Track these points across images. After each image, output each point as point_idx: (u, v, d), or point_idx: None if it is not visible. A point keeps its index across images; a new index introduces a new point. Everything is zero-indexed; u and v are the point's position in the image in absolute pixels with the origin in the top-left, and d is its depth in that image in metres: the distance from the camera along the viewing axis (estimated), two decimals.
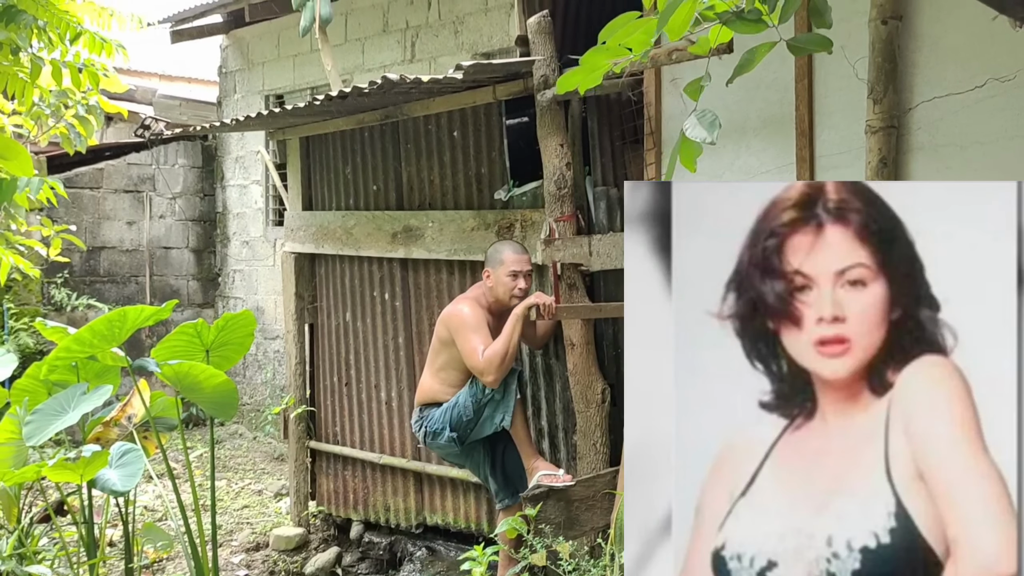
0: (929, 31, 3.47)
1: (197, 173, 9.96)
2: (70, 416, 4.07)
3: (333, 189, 5.73)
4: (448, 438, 4.29)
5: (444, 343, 4.33)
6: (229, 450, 8.65)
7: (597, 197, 4.46)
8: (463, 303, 4.32)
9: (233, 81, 9.79)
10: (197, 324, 4.26)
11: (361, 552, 5.69)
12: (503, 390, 4.15)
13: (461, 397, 4.25)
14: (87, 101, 5.77)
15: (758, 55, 2.30)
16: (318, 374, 5.93)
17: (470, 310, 4.24)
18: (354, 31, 8.36)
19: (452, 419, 4.26)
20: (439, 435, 4.31)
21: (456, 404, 4.26)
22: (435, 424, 4.32)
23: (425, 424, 4.38)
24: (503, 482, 4.42)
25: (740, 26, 2.24)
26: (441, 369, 4.39)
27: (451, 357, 4.32)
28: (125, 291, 9.46)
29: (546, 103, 4.28)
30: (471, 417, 4.21)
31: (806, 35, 2.34)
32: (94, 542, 4.46)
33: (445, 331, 4.31)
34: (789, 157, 3.82)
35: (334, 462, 5.84)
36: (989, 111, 3.33)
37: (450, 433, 4.27)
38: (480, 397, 4.17)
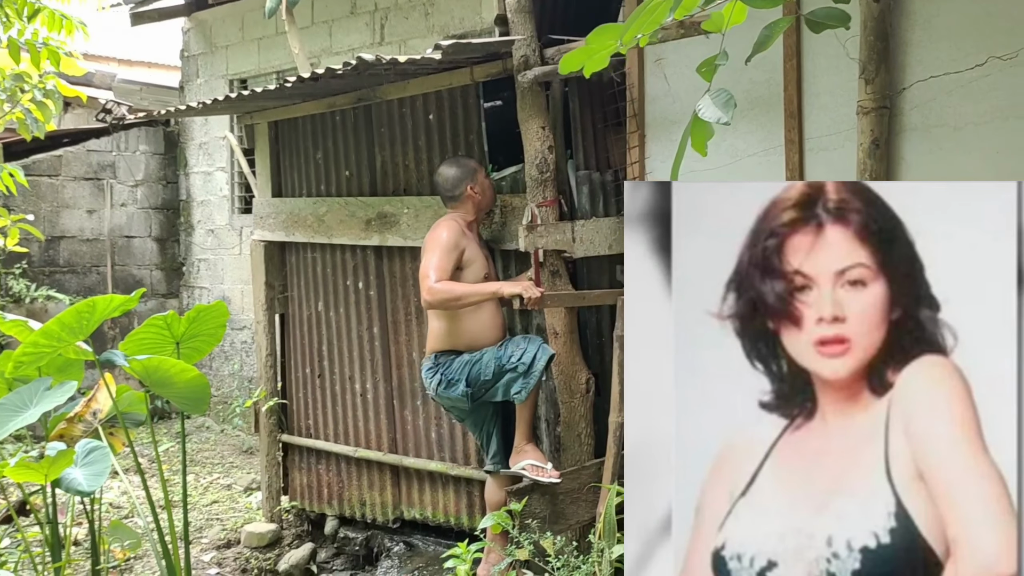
0: (922, 9, 3.39)
1: (159, 160, 9.70)
2: (32, 412, 3.90)
3: (304, 175, 5.57)
4: (462, 392, 4.10)
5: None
6: (196, 444, 8.45)
7: (580, 181, 4.35)
8: (443, 226, 4.17)
9: (196, 65, 9.55)
10: (168, 316, 4.10)
11: (336, 548, 5.56)
12: (529, 365, 3.97)
13: (486, 355, 4.07)
14: (44, 85, 5.55)
15: (776, 30, 2.21)
16: (290, 365, 5.78)
17: (448, 234, 4.11)
18: (321, 13, 8.17)
19: (471, 374, 4.08)
20: (453, 386, 4.11)
21: (479, 361, 4.08)
22: (453, 373, 4.11)
23: (442, 371, 4.15)
24: (502, 446, 4.28)
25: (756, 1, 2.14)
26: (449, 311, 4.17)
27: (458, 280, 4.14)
28: (86, 281, 9.20)
29: (527, 84, 4.16)
30: (489, 379, 4.05)
31: (825, 9, 2.24)
32: (59, 543, 4.29)
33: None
34: (778, 139, 3.73)
35: (307, 456, 5.69)
36: (983, 91, 3.26)
37: (465, 388, 4.10)
38: (504, 363, 4.01)
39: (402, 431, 5.17)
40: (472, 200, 4.26)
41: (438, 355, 4.21)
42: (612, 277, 4.43)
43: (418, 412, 5.09)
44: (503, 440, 4.29)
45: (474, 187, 4.25)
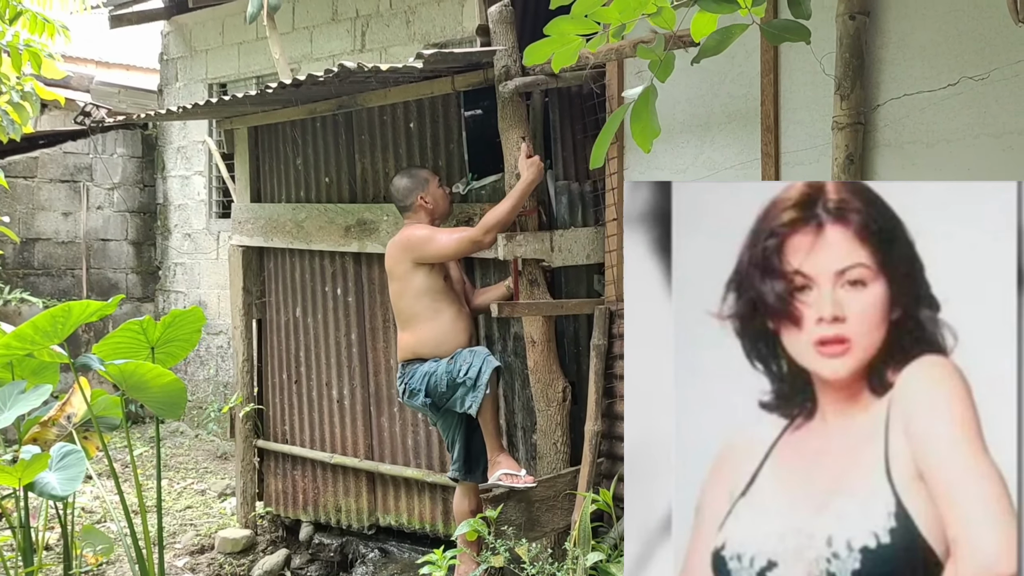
0: (896, 28, 3.45)
1: (137, 163, 9.66)
2: (6, 416, 3.89)
3: (283, 180, 5.57)
4: (422, 402, 4.22)
5: (408, 273, 4.20)
6: (170, 448, 8.41)
7: (559, 191, 4.38)
8: (412, 227, 4.27)
9: (175, 69, 9.52)
10: (143, 321, 4.09)
11: (311, 554, 5.55)
12: (475, 379, 4.03)
13: (440, 368, 4.14)
14: (22, 87, 5.52)
15: (729, 36, 2.25)
16: (266, 371, 5.77)
17: (425, 229, 4.24)
18: (302, 19, 8.17)
19: (429, 385, 4.17)
20: (415, 396, 4.23)
21: (435, 372, 4.16)
22: (415, 383, 4.22)
23: (406, 380, 4.27)
24: (465, 455, 4.31)
25: (711, 5, 2.19)
26: (410, 319, 4.25)
27: (419, 289, 4.20)
28: (60, 284, 9.13)
29: (508, 94, 4.19)
30: (444, 391, 4.13)
31: (783, 21, 2.29)
32: (31, 547, 4.26)
33: (405, 255, 4.20)
34: (754, 152, 3.79)
35: (283, 462, 5.68)
36: (955, 109, 3.32)
37: (424, 398, 4.20)
38: (455, 376, 4.08)
39: (378, 438, 5.18)
40: (424, 209, 4.33)
41: (404, 364, 4.30)
42: (590, 287, 4.46)
43: (395, 419, 5.09)
44: (466, 448, 4.31)
45: (425, 197, 4.32)
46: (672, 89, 3.86)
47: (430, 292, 4.21)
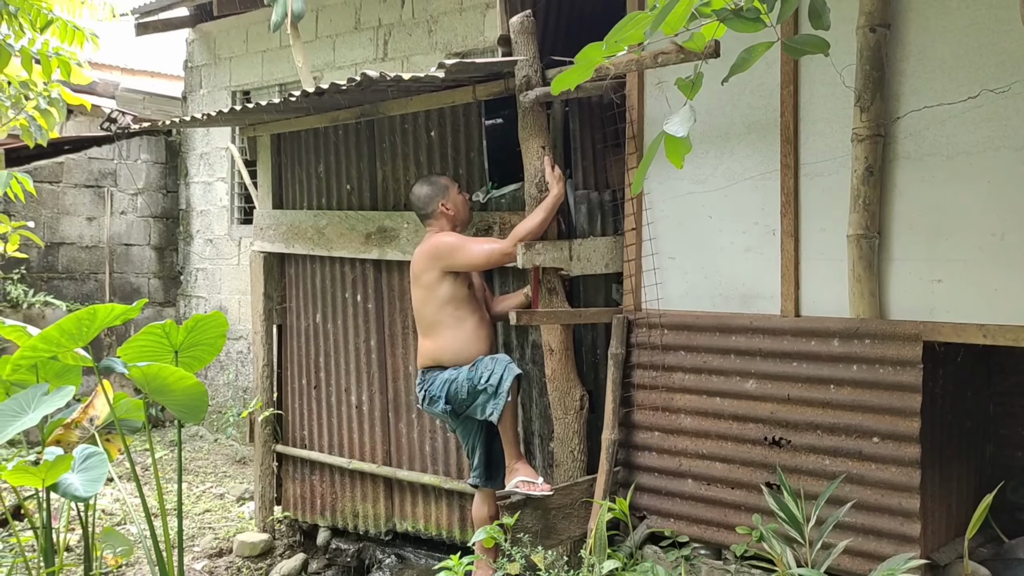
0: (917, 40, 3.46)
1: (160, 169, 9.76)
2: (30, 417, 3.93)
3: (305, 187, 5.62)
4: (442, 409, 4.25)
5: (435, 281, 4.24)
6: (190, 452, 8.47)
7: (578, 201, 4.40)
8: (440, 234, 4.31)
9: (199, 76, 9.61)
10: (166, 325, 4.14)
11: (328, 559, 5.58)
12: (496, 386, 4.06)
13: (461, 375, 4.18)
14: (49, 93, 5.60)
15: (755, 53, 2.27)
16: (286, 376, 5.81)
17: (453, 237, 4.28)
18: (325, 28, 8.25)
19: (449, 392, 4.20)
20: (435, 403, 4.26)
21: (456, 380, 4.19)
22: (435, 390, 4.25)
23: (426, 387, 4.30)
24: (486, 461, 4.35)
25: (737, 24, 2.20)
26: (433, 326, 4.29)
27: (444, 297, 4.23)
28: (84, 288, 9.23)
29: (528, 104, 4.21)
30: (464, 398, 4.16)
31: (804, 36, 2.31)
32: (52, 548, 4.31)
33: (435, 263, 4.24)
34: (774, 163, 3.79)
35: (301, 467, 5.72)
36: (975, 121, 3.32)
37: (444, 405, 4.23)
38: (476, 383, 4.11)
39: (396, 444, 5.20)
40: (446, 216, 4.36)
41: (424, 371, 4.33)
42: (608, 296, 4.47)
43: (413, 425, 5.12)
44: (487, 455, 4.35)
45: (446, 203, 4.36)
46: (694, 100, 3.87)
47: (454, 300, 4.25)
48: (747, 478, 3.80)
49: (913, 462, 3.37)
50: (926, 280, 3.42)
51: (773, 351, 3.74)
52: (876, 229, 3.49)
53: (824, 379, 3.59)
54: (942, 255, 3.39)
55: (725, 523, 3.86)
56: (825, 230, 3.65)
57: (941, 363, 3.56)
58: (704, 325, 3.97)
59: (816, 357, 3.62)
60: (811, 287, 3.71)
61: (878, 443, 3.45)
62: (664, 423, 4.08)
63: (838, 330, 3.56)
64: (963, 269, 3.34)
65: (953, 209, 3.37)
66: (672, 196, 4.14)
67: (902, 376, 3.40)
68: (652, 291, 4.17)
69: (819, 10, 2.32)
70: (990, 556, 3.69)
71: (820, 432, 3.60)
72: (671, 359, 4.07)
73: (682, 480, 4.01)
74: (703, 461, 3.95)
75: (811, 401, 3.63)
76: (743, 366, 3.83)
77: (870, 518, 3.46)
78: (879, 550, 3.42)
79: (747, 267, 3.90)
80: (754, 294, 3.88)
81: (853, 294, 3.54)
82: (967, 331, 3.30)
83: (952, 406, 3.71)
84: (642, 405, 4.15)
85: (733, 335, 3.87)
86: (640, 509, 4.14)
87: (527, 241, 4.08)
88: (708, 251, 4.02)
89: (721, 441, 3.89)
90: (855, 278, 3.52)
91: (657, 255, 4.17)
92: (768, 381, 3.75)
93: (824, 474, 3.57)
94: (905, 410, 3.39)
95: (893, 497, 3.42)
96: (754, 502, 3.76)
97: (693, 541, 3.96)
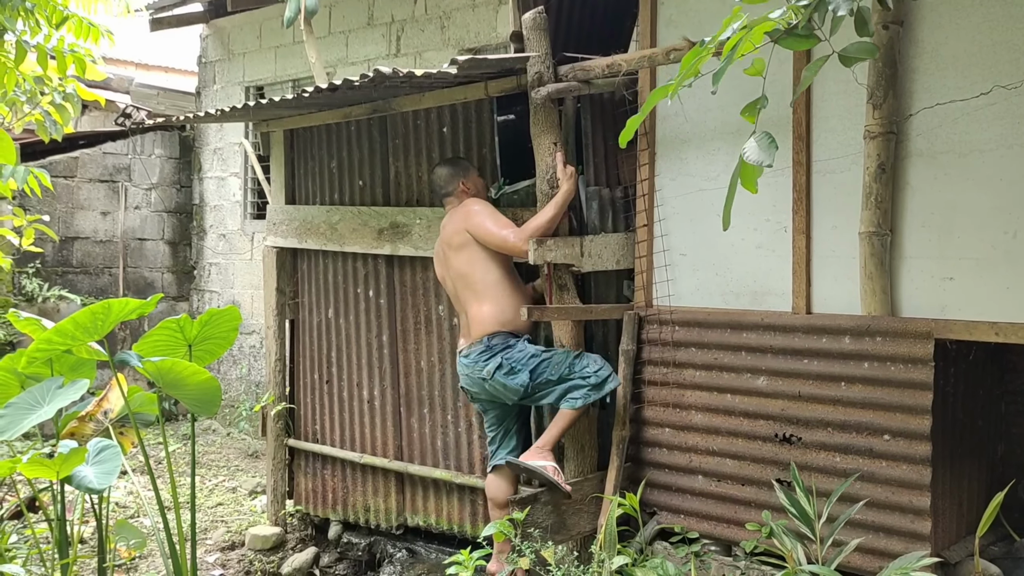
0: (930, 37, 3.45)
1: (174, 164, 9.81)
2: (45, 410, 3.96)
3: (318, 183, 5.64)
4: (522, 382, 4.07)
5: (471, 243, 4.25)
6: (202, 446, 8.52)
7: (589, 197, 4.41)
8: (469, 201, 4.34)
9: (213, 71, 9.65)
10: (180, 320, 4.17)
11: (339, 553, 5.61)
12: (601, 382, 3.97)
13: (558, 356, 4.08)
14: (64, 88, 5.64)
15: (813, 70, 2.27)
16: (298, 371, 5.84)
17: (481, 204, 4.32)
18: (338, 24, 8.27)
19: (537, 368, 4.07)
20: (515, 374, 4.09)
21: (549, 359, 4.08)
22: (517, 362, 4.10)
23: (502, 355, 4.13)
24: (514, 444, 4.35)
25: (791, 42, 2.21)
26: (488, 288, 4.22)
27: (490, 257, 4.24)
28: (98, 282, 9.29)
29: (540, 100, 4.22)
30: (553, 379, 4.04)
31: (856, 44, 2.30)
32: (66, 540, 4.35)
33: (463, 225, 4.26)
34: (786, 161, 3.79)
35: (313, 461, 5.75)
36: (988, 119, 3.31)
37: (527, 379, 4.07)
38: (576, 371, 4.01)
39: (408, 438, 5.22)
40: (466, 195, 4.42)
41: (491, 337, 4.18)
42: (619, 292, 4.48)
43: (424, 420, 5.14)
44: (516, 439, 4.34)
45: (466, 183, 4.44)
46: (704, 96, 3.88)
47: (501, 265, 4.25)
48: (758, 475, 3.81)
49: (924, 460, 3.37)
50: (938, 278, 3.42)
51: (784, 348, 3.74)
52: (888, 226, 3.49)
53: (835, 376, 3.59)
54: (954, 253, 3.38)
55: (735, 519, 3.87)
56: (837, 227, 3.65)
57: (953, 361, 3.56)
58: (715, 322, 3.97)
59: (827, 354, 3.62)
60: (823, 284, 3.71)
61: (889, 441, 3.45)
62: (675, 419, 4.09)
63: (849, 327, 3.56)
64: (975, 267, 3.34)
65: (965, 207, 3.36)
66: (683, 193, 4.14)
67: (913, 374, 3.40)
68: (663, 287, 4.17)
69: (864, 19, 2.31)
70: (1001, 554, 3.68)
71: (831, 429, 3.60)
72: (682, 355, 4.07)
73: (692, 476, 4.02)
74: (714, 458, 3.96)
75: (822, 398, 3.63)
76: (754, 363, 3.83)
77: (881, 515, 3.46)
78: (889, 547, 3.42)
79: (758, 264, 3.90)
80: (765, 291, 3.88)
81: (865, 291, 3.54)
82: (979, 329, 3.30)
83: (964, 404, 3.71)
84: (653, 401, 4.16)
85: (744, 332, 3.87)
86: (650, 505, 4.15)
87: (538, 237, 4.09)
88: (719, 248, 4.02)
89: (732, 438, 3.90)
90: (867, 275, 3.52)
91: (668, 251, 4.17)
92: (779, 378, 3.76)
93: (835, 471, 3.57)
94: (916, 408, 3.39)
95: (904, 495, 3.42)
96: (764, 499, 3.76)
97: (703, 537, 3.97)
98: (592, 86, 4.21)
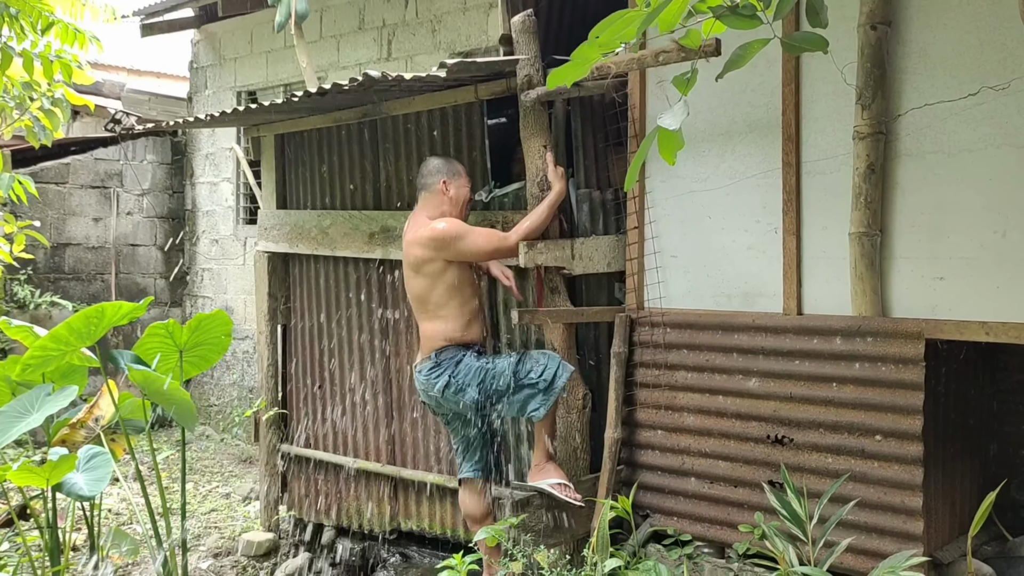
0: (918, 38, 3.45)
1: (166, 170, 9.79)
2: (34, 418, 3.96)
3: (309, 188, 5.63)
4: (472, 399, 3.97)
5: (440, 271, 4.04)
6: (196, 452, 8.49)
7: (580, 200, 4.41)
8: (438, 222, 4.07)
9: (204, 77, 9.64)
10: (168, 324, 4.16)
11: (332, 558, 5.59)
12: (550, 382, 3.87)
13: (500, 364, 3.96)
14: (53, 93, 5.62)
15: (750, 51, 2.26)
16: (291, 376, 5.83)
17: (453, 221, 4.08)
18: (329, 28, 8.26)
19: (484, 381, 3.96)
20: (463, 392, 3.98)
21: (494, 370, 3.96)
22: (463, 379, 3.98)
23: (449, 374, 4.00)
24: (478, 456, 4.22)
25: (734, 21, 2.20)
26: (441, 307, 4.08)
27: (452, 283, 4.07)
28: (90, 289, 9.26)
29: (530, 103, 4.21)
30: (502, 390, 3.93)
31: (802, 33, 2.30)
32: (58, 547, 4.33)
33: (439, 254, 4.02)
34: (775, 162, 3.79)
35: (306, 466, 5.73)
36: (977, 119, 3.31)
37: (476, 395, 3.97)
38: (521, 377, 3.90)
39: (401, 443, 5.21)
40: (443, 196, 4.17)
41: (439, 352, 4.08)
42: (611, 294, 4.48)
43: (417, 425, 5.13)
44: (482, 453, 4.24)
45: (448, 184, 4.17)
46: (694, 98, 3.85)
47: (461, 283, 4.11)
48: (750, 476, 3.80)
49: (916, 460, 3.37)
50: (928, 278, 3.42)
51: (775, 349, 3.74)
52: (878, 227, 3.49)
53: (826, 377, 3.59)
54: (944, 253, 3.38)
55: (728, 521, 3.87)
56: (827, 228, 3.65)
57: (944, 361, 3.56)
58: (706, 323, 3.97)
59: (818, 355, 3.62)
60: (813, 285, 3.71)
61: (881, 441, 3.45)
62: (667, 421, 4.08)
63: (840, 328, 3.56)
64: (965, 267, 3.34)
65: (955, 207, 3.36)
66: (674, 195, 4.14)
67: (904, 374, 3.40)
68: (654, 290, 4.17)
69: (816, 8, 2.31)
70: (994, 554, 3.68)
71: (823, 430, 3.60)
72: (673, 357, 4.07)
73: (685, 478, 4.02)
74: (706, 459, 3.95)
75: (813, 399, 3.63)
76: (745, 364, 3.83)
77: (873, 516, 3.46)
78: (882, 548, 3.41)
79: (749, 265, 3.90)
80: (756, 292, 3.88)
81: (855, 292, 3.54)
82: (969, 328, 3.30)
83: (955, 404, 3.71)
84: (645, 403, 4.15)
85: (735, 333, 3.87)
86: (643, 507, 4.14)
87: (529, 240, 4.07)
88: (710, 249, 4.02)
89: (724, 439, 3.90)
90: (857, 276, 3.52)
91: (659, 254, 4.17)
92: (770, 379, 3.75)
93: (827, 472, 3.57)
94: (907, 408, 3.39)
95: (896, 495, 3.41)
96: (757, 500, 3.76)
97: (696, 539, 3.96)
98: (582, 89, 4.21)
